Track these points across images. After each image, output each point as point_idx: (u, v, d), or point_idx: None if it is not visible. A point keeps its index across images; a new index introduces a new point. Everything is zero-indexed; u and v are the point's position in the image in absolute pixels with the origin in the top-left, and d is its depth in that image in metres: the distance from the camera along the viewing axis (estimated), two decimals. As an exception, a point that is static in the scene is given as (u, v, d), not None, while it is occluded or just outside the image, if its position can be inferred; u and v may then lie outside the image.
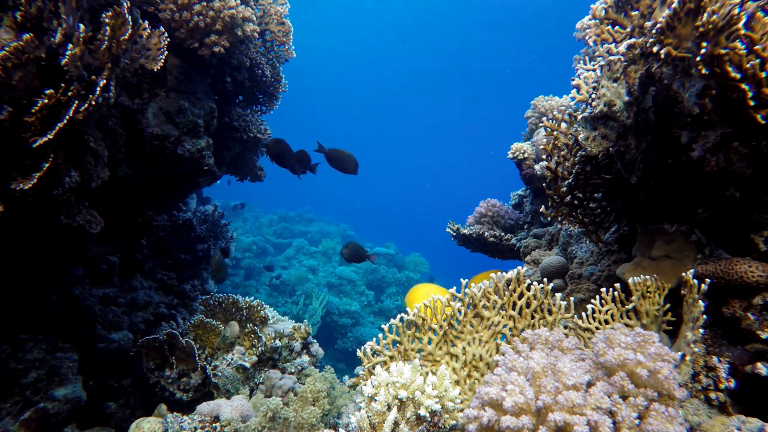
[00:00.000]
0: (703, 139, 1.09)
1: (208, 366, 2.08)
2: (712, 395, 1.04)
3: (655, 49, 1.06)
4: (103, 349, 2.14)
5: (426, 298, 1.23)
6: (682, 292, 1.14)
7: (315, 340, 2.44)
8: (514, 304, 1.24)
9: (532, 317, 1.24)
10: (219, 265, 2.48)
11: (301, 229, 10.38)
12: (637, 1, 1.33)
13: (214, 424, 1.60)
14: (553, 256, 2.00)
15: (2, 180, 1.18)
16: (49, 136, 1.19)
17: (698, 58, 0.99)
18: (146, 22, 1.56)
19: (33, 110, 1.16)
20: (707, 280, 1.11)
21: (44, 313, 2.02)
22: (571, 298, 1.31)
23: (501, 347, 1.11)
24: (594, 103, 1.34)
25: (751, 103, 0.95)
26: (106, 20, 1.32)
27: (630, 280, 1.21)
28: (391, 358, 1.21)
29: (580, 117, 1.46)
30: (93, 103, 1.28)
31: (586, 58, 1.74)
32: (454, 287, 1.25)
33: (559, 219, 1.72)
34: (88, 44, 1.30)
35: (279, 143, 2.50)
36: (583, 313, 1.24)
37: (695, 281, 1.10)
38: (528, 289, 1.25)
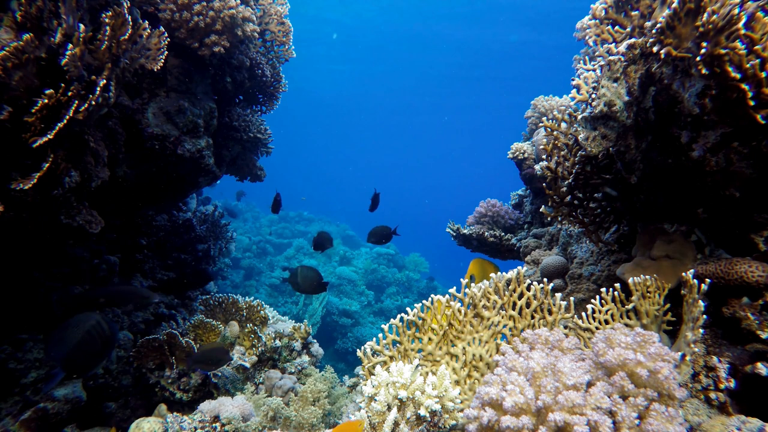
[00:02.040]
0: (703, 139, 1.09)
1: (208, 366, 2.08)
2: (712, 395, 1.04)
3: (655, 49, 1.06)
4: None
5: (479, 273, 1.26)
6: (682, 292, 1.14)
7: (315, 340, 2.44)
8: (514, 304, 1.24)
9: (532, 317, 1.24)
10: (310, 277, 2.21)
11: (301, 229, 10.38)
12: (637, 1, 1.33)
13: (214, 424, 1.60)
14: (553, 256, 2.00)
15: (2, 180, 1.18)
16: (49, 136, 1.19)
17: (698, 58, 0.99)
18: (146, 22, 1.56)
19: (33, 110, 1.16)
20: (707, 280, 1.11)
21: (44, 313, 2.02)
22: (571, 298, 1.31)
23: (501, 347, 1.11)
24: (594, 103, 1.34)
25: (751, 103, 0.95)
26: (106, 20, 1.32)
27: (630, 280, 1.21)
28: (391, 358, 1.21)
29: (580, 117, 1.46)
30: (93, 103, 1.28)
31: (586, 58, 1.74)
32: (454, 287, 1.25)
33: (559, 219, 1.72)
34: (88, 44, 1.30)
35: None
36: (583, 313, 1.24)
37: (695, 281, 1.10)
38: (528, 289, 1.25)
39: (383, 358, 1.21)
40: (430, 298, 1.22)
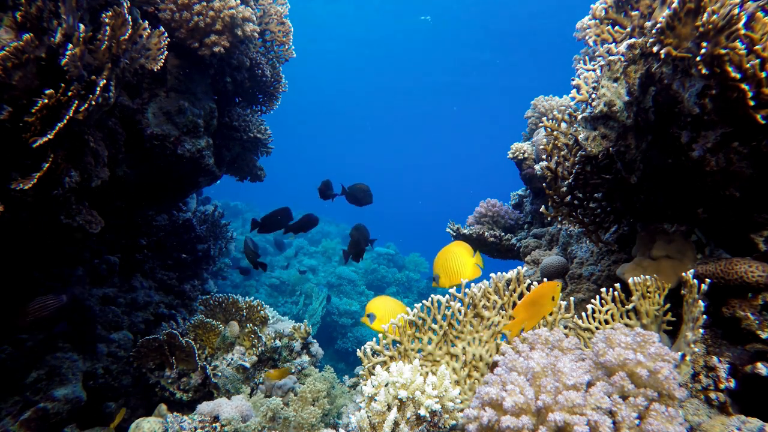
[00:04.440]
0: (703, 139, 1.09)
1: (208, 366, 2.08)
2: (712, 395, 1.04)
3: (655, 49, 1.06)
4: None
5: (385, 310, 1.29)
6: (682, 292, 1.14)
7: (315, 340, 2.44)
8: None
9: (532, 317, 1.24)
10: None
11: (302, 229, 10.35)
12: (637, 1, 1.33)
13: (214, 424, 1.60)
14: (553, 256, 2.00)
15: (2, 180, 1.18)
16: (49, 136, 1.19)
17: (698, 58, 0.99)
18: (146, 22, 1.56)
19: (33, 110, 1.16)
20: (707, 280, 1.11)
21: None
22: (571, 298, 1.31)
23: (501, 347, 1.11)
24: (594, 103, 1.34)
25: (751, 103, 0.95)
26: (106, 20, 1.32)
27: (630, 280, 1.21)
28: (391, 358, 1.21)
29: (580, 117, 1.46)
30: (93, 103, 1.28)
31: (586, 58, 1.74)
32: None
33: (559, 219, 1.72)
34: (88, 44, 1.30)
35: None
36: (583, 313, 1.24)
37: (695, 281, 1.10)
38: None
39: (383, 358, 1.21)
40: (430, 298, 1.22)
